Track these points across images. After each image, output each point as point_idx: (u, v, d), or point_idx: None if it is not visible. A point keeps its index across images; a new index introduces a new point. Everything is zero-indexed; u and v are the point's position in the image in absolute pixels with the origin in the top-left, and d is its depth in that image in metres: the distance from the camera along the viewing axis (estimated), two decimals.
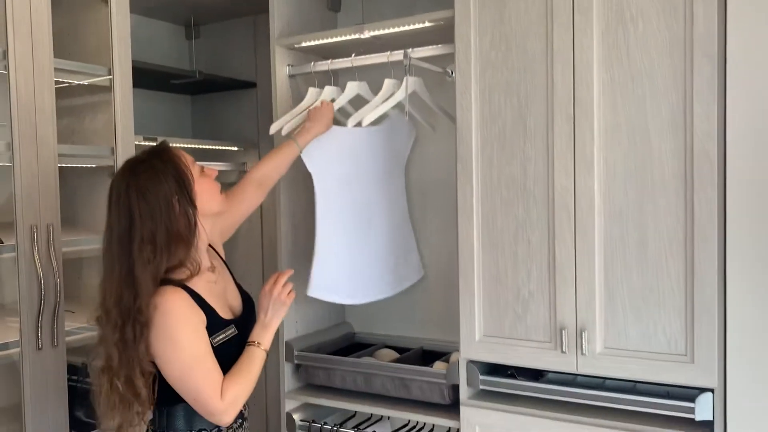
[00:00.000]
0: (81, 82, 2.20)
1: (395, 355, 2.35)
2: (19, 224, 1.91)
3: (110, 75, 2.19)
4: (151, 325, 1.45)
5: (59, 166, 2.02)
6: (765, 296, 1.58)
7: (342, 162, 2.15)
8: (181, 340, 1.45)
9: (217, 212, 1.63)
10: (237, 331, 1.58)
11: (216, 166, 2.76)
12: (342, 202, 2.15)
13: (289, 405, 2.31)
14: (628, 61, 1.69)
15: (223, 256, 1.76)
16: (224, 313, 1.58)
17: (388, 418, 2.38)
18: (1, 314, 2.10)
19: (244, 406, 1.63)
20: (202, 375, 1.46)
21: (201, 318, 1.50)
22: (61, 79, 2.11)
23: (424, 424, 2.24)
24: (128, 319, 1.44)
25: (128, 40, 2.23)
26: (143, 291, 1.44)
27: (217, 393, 1.47)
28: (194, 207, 1.51)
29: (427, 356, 2.34)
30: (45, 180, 1.97)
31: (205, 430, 1.56)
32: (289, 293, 1.60)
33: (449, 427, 2.05)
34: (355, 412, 2.30)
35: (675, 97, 1.64)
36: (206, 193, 1.56)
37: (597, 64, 1.72)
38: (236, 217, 1.87)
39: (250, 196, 1.90)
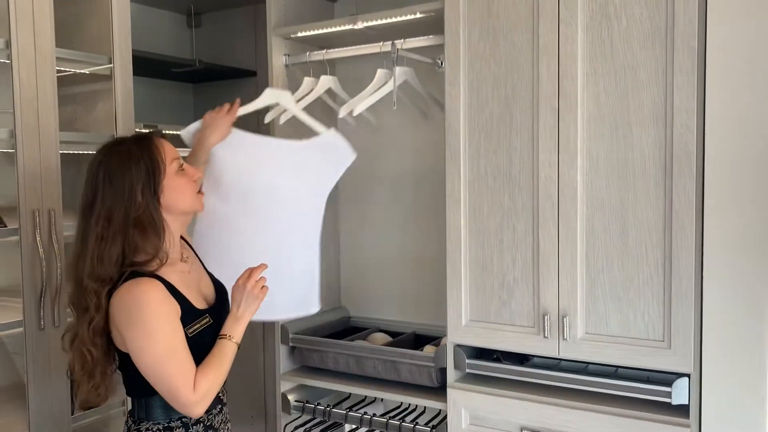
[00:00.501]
0: (82, 71, 2.26)
1: (388, 338, 2.41)
2: (21, 209, 1.97)
3: (111, 64, 2.25)
4: (114, 314, 1.48)
5: (61, 153, 2.09)
6: (740, 285, 1.63)
7: (240, 170, 2.02)
8: (155, 332, 1.46)
9: (186, 211, 1.63)
10: (212, 320, 1.59)
11: None
12: (229, 210, 2.02)
13: (284, 386, 2.38)
14: (611, 55, 1.73)
15: (193, 246, 1.79)
16: (198, 303, 1.59)
17: (381, 400, 2.45)
18: (4, 296, 2.17)
19: (222, 392, 1.66)
20: (176, 367, 1.47)
21: (176, 309, 1.51)
22: (62, 68, 2.17)
23: (416, 406, 2.30)
24: (81, 293, 1.49)
25: (128, 29, 2.28)
26: (95, 269, 1.47)
27: (190, 385, 1.48)
28: (156, 199, 1.52)
29: (420, 340, 2.40)
30: (47, 166, 2.03)
31: (184, 419, 1.57)
32: (262, 288, 1.61)
33: (439, 409, 2.12)
34: (350, 393, 2.37)
35: (656, 90, 1.68)
36: (177, 191, 1.57)
37: (581, 57, 1.76)
38: None
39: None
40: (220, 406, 1.66)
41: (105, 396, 1.58)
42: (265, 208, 2.03)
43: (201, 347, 1.54)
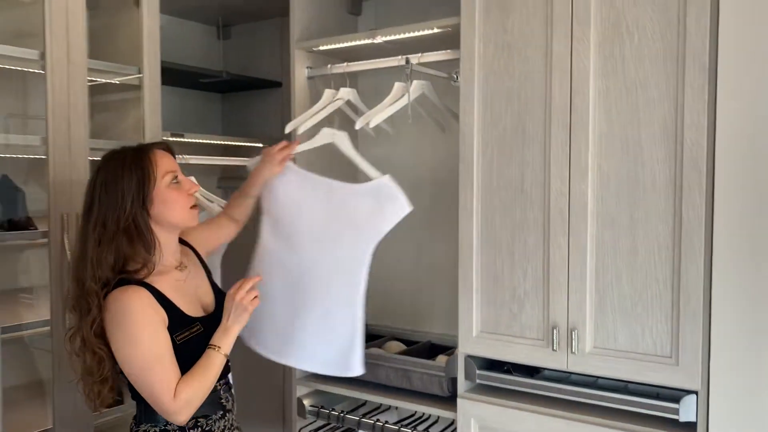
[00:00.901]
0: (113, 81, 2.36)
1: (403, 347, 2.44)
2: (51, 213, 2.06)
3: (140, 74, 2.34)
4: (104, 320, 1.53)
5: (90, 159, 2.17)
6: (748, 303, 1.62)
7: (288, 206, 2.03)
8: (138, 340, 1.50)
9: (176, 224, 1.66)
10: (203, 329, 1.63)
11: (243, 162, 2.92)
12: (279, 245, 2.05)
13: (300, 391, 2.42)
14: (623, 72, 1.74)
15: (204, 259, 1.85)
16: (191, 311, 1.63)
17: (396, 408, 2.48)
18: (32, 295, 2.26)
19: (226, 398, 1.70)
20: (158, 375, 1.51)
21: (161, 316, 1.55)
22: (94, 78, 2.26)
23: (429, 415, 2.33)
24: (82, 295, 1.55)
25: (158, 41, 2.37)
26: (95, 271, 1.53)
27: (171, 393, 1.51)
28: (145, 210, 1.57)
29: (434, 350, 2.43)
30: (76, 172, 2.12)
31: (191, 420, 1.60)
32: (253, 299, 1.63)
33: (452, 419, 2.14)
34: (366, 401, 2.41)
35: (667, 106, 1.69)
36: (166, 203, 1.60)
37: (593, 73, 1.78)
38: (213, 242, 1.95)
39: (226, 229, 2.00)
40: (221, 412, 1.69)
41: (119, 393, 1.65)
42: (309, 249, 2.00)
43: (190, 355, 1.57)
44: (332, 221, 1.98)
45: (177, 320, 1.58)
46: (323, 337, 1.99)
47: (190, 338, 1.60)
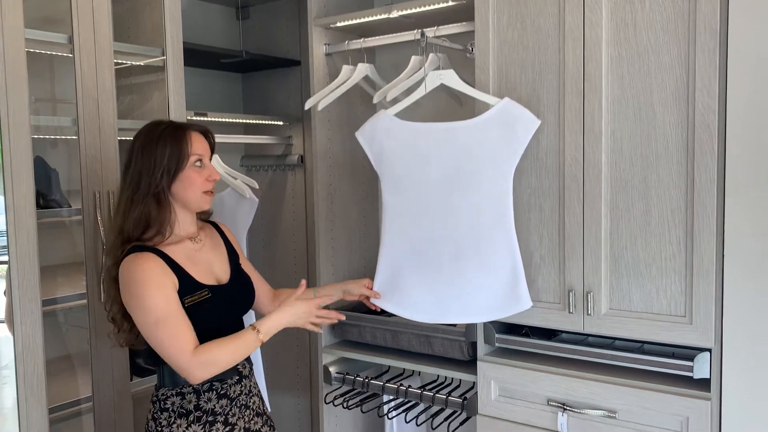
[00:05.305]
0: (138, 63, 2.43)
1: None
2: (84, 191, 2.15)
3: (164, 56, 2.40)
4: (119, 285, 1.65)
5: (119, 139, 2.26)
6: (759, 262, 1.66)
7: (407, 161, 1.98)
8: (147, 301, 1.58)
9: (188, 204, 1.72)
10: (210, 294, 1.69)
11: (263, 140, 3.00)
12: (408, 205, 1.99)
13: (326, 359, 2.51)
14: (635, 38, 1.77)
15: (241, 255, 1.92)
16: (202, 278, 1.70)
17: (419, 373, 2.55)
18: (68, 271, 2.36)
19: (242, 364, 1.77)
20: (171, 329, 1.58)
21: (172, 280, 1.63)
22: (120, 61, 2.33)
23: (451, 380, 2.40)
24: (111, 248, 1.70)
25: (179, 22, 2.43)
26: (125, 224, 1.67)
27: (184, 350, 1.57)
28: (165, 183, 1.66)
29: None
30: (106, 151, 2.20)
31: (195, 386, 1.68)
32: (319, 325, 1.77)
33: (473, 383, 2.21)
34: (389, 367, 2.49)
35: (679, 71, 1.72)
36: (184, 182, 1.68)
37: (606, 41, 1.81)
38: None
39: (265, 295, 2.00)
40: (237, 377, 1.75)
41: (132, 341, 1.75)
42: (445, 199, 1.95)
43: (197, 319, 1.64)
44: (464, 162, 1.92)
45: (186, 285, 1.66)
46: (485, 282, 1.92)
47: (198, 302, 1.66)
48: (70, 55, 2.14)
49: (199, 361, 1.59)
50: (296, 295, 1.77)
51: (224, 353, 1.62)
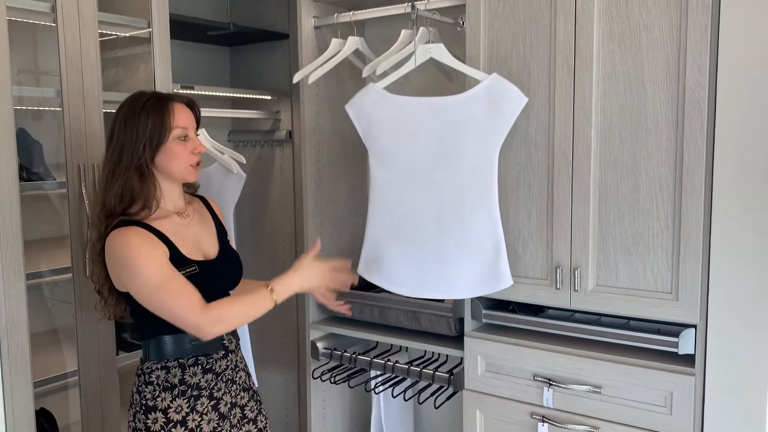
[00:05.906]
0: (123, 35, 2.38)
1: None
2: (68, 164, 2.12)
3: (150, 28, 2.36)
4: (107, 259, 1.63)
5: (104, 112, 2.22)
6: (746, 239, 1.67)
7: (392, 136, 1.98)
8: (142, 268, 1.56)
9: (174, 177, 1.70)
10: (198, 270, 1.67)
11: (251, 115, 2.97)
12: (393, 178, 2.00)
13: (314, 334, 2.51)
14: (627, 13, 1.76)
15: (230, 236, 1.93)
16: (189, 253, 1.69)
17: (406, 349, 2.56)
18: (53, 245, 2.34)
19: (228, 339, 1.76)
20: (174, 289, 1.57)
21: (163, 249, 1.61)
22: (105, 32, 2.29)
23: (438, 356, 2.41)
24: (95, 222, 1.70)
25: None
26: (104, 198, 1.66)
27: (192, 307, 1.56)
28: (148, 155, 1.64)
29: None
30: (91, 124, 2.17)
31: (180, 359, 1.68)
32: (329, 290, 1.77)
33: (460, 358, 2.22)
34: (377, 343, 2.49)
35: (670, 47, 1.71)
36: (168, 155, 1.66)
37: (597, 15, 1.79)
38: None
39: None
40: (223, 352, 1.74)
41: (120, 314, 1.77)
42: (430, 175, 1.94)
43: None
44: (447, 138, 1.91)
45: (174, 259, 1.64)
46: (466, 258, 1.92)
47: (186, 276, 1.64)
48: (53, 24, 2.09)
49: (210, 316, 1.58)
50: (310, 256, 1.73)
51: (237, 312, 1.62)
